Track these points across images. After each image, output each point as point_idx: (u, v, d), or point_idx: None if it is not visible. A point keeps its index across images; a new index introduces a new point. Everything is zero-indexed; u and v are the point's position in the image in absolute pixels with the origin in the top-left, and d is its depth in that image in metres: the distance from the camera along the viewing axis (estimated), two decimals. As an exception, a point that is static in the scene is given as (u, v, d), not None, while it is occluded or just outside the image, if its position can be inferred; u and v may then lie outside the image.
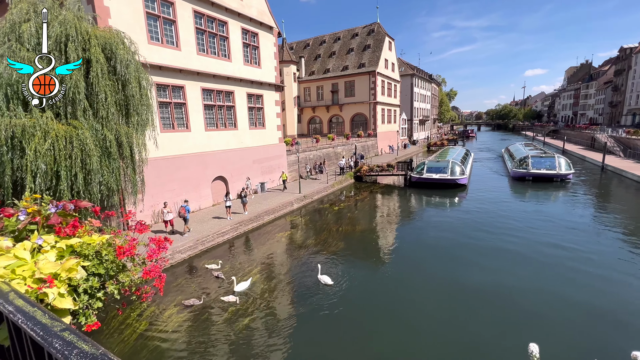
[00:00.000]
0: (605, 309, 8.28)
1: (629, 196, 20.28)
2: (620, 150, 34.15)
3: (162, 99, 14.95)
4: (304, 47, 49.62)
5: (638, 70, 57.38)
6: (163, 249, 4.20)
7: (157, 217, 14.65)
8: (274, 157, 22.27)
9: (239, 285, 9.64)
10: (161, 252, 4.18)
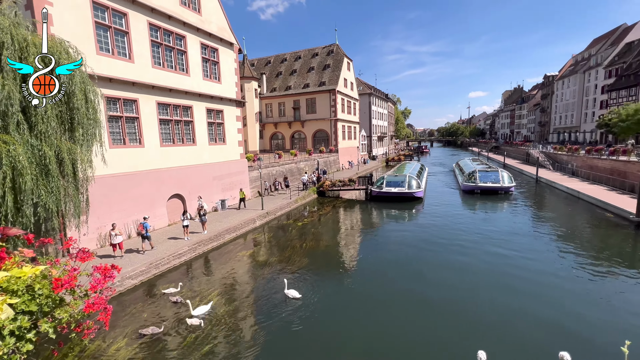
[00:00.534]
0: (541, 310, 9.09)
1: (559, 205, 22.87)
2: (550, 164, 38.69)
3: (113, 113, 13.98)
4: (265, 64, 50.02)
5: (559, 95, 66.32)
6: (109, 278, 3.81)
7: (104, 240, 13.36)
8: (235, 173, 21.70)
9: (197, 309, 9.03)
10: (107, 281, 3.79)
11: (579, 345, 7.51)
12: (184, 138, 17.63)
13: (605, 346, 7.42)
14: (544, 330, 8.14)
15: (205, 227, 15.16)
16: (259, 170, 21.05)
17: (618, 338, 7.58)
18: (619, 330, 7.97)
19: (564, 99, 63.97)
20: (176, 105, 16.97)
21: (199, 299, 10.11)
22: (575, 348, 7.36)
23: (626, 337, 7.59)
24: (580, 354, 6.92)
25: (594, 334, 7.96)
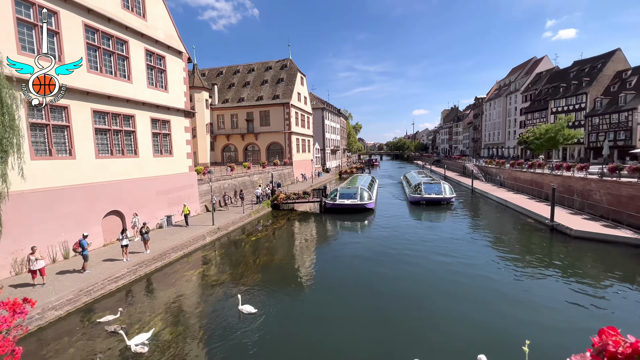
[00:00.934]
0: (476, 313, 9.99)
1: (491, 212, 25.57)
2: (482, 176, 43.29)
3: (36, 120, 12.37)
4: (217, 75, 48.77)
5: (488, 115, 75.19)
6: (19, 315, 3.28)
7: (21, 266, 11.50)
8: (183, 187, 20.46)
9: (134, 339, 8.12)
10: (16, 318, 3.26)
11: (504, 342, 8.35)
12: (125, 149, 16.23)
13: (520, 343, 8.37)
14: (480, 333, 8.91)
15: (147, 246, 13.92)
16: (210, 183, 20.11)
17: (535, 334, 8.60)
18: (537, 326, 9.05)
19: (492, 118, 72.65)
20: (116, 113, 15.63)
21: (139, 325, 9.17)
22: (501, 345, 8.16)
23: (542, 329, 8.60)
24: (498, 352, 7.70)
25: (520, 333, 8.93)
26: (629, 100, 38.90)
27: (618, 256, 14.22)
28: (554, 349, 7.71)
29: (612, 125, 40.49)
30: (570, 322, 9.12)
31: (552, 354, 7.42)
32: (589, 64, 48.69)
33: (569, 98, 47.58)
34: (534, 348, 7.73)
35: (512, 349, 7.74)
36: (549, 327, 8.78)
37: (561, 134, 35.03)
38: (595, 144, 42.75)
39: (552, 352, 7.55)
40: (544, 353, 7.54)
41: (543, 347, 7.82)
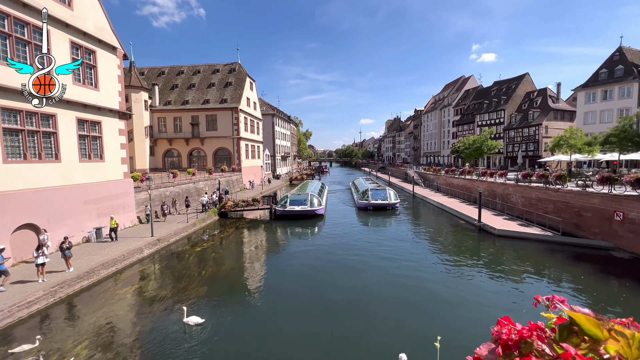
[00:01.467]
0: (419, 308, 10.80)
1: (429, 215, 27.82)
2: (422, 182, 46.98)
3: None
4: (159, 75, 45.50)
5: (425, 126, 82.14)
6: None
7: None
8: (117, 195, 18.53)
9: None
10: None
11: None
12: (43, 153, 14.18)
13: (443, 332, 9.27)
14: (410, 332, 9.61)
15: (69, 264, 12.23)
16: (149, 191, 18.47)
17: (459, 329, 9.55)
18: (461, 321, 10.10)
19: (429, 129, 79.51)
20: (31, 112, 13.61)
21: (59, 355, 8.00)
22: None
23: (466, 323, 9.51)
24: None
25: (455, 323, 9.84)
26: (535, 117, 45.90)
27: (530, 250, 16.53)
28: (467, 341, 8.65)
29: (524, 138, 47.28)
30: (492, 315, 10.32)
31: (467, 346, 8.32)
32: (506, 85, 56.43)
33: (491, 113, 54.44)
34: (456, 342, 8.58)
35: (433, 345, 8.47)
36: (471, 321, 9.83)
37: (485, 144, 39.76)
38: (512, 153, 49.39)
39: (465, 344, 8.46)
40: (460, 345, 8.41)
41: (460, 340, 8.72)
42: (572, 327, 0.51)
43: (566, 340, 0.51)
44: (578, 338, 0.50)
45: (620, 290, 11.89)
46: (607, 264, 14.39)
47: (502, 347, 0.56)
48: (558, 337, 0.52)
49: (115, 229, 16.34)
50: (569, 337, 0.51)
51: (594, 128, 34.88)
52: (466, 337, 8.59)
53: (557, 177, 19.97)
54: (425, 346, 8.35)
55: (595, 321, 0.56)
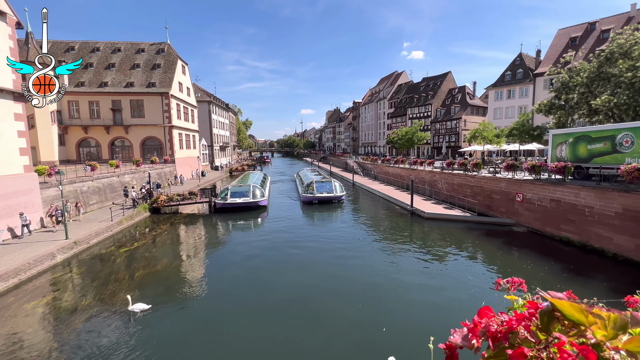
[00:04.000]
0: (357, 295, 11.49)
1: (367, 201, 29.44)
2: (361, 171, 49.39)
3: None
4: (66, 50, 38.77)
5: (363, 117, 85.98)
6: None
7: None
8: (15, 193, 15.52)
9: None
10: None
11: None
12: None
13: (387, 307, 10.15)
14: (352, 325, 10.24)
15: None
16: (60, 187, 15.76)
17: (400, 314, 10.46)
18: (401, 305, 11.10)
19: (366, 121, 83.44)
20: None
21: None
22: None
23: (405, 306, 10.40)
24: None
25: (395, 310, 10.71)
26: (456, 112, 51.53)
27: (453, 230, 18.74)
28: (410, 323, 9.59)
29: (447, 130, 52.84)
30: (426, 296, 11.51)
31: (408, 327, 9.22)
32: (432, 81, 61.95)
33: (420, 107, 59.41)
34: (401, 326, 9.41)
35: (375, 332, 9.20)
36: (411, 304, 10.85)
37: (416, 135, 43.38)
38: (437, 144, 54.84)
39: (407, 325, 9.37)
40: (406, 330, 9.27)
41: (403, 325, 9.59)
42: (553, 313, 0.57)
43: (548, 327, 0.56)
44: (559, 324, 0.55)
45: (521, 259, 14.29)
46: (510, 237, 17.13)
47: (491, 339, 0.60)
48: (540, 324, 0.57)
49: None
50: (550, 324, 0.56)
51: (501, 122, 40.63)
52: (410, 320, 9.45)
53: (474, 165, 22.87)
54: (373, 336, 8.95)
55: (578, 307, 0.57)
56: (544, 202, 16.86)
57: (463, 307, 9.80)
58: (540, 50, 41.90)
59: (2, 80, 14.96)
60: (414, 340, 8.13)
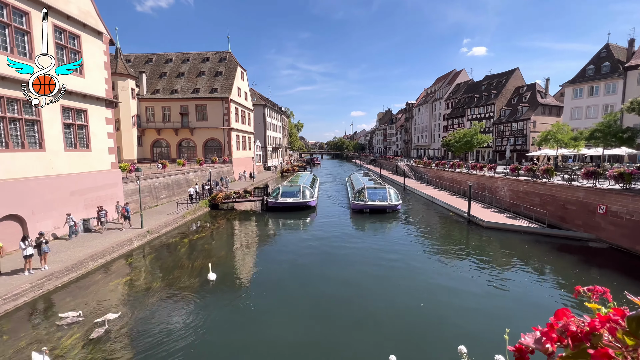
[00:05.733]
0: (417, 300, 11.01)
1: (420, 207, 28.07)
2: (413, 174, 47.47)
3: None
4: (146, 62, 44.16)
5: (417, 119, 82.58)
6: None
7: None
8: (105, 185, 18.10)
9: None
10: None
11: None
12: (26, 142, 13.67)
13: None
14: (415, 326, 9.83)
15: (45, 261, 11.46)
16: (138, 182, 18.07)
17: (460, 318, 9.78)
18: (459, 311, 10.37)
19: (420, 122, 79.98)
20: (12, 98, 13.04)
21: (51, 347, 7.86)
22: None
23: (463, 313, 9.74)
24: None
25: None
26: (524, 112, 46.66)
27: (517, 242, 16.98)
28: (474, 327, 8.90)
29: (513, 132, 48.11)
30: (485, 304, 10.62)
31: (471, 331, 8.56)
32: (496, 79, 56.98)
33: (481, 107, 55.05)
34: (448, 334, 8.81)
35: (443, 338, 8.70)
36: (470, 310, 10.10)
37: (475, 138, 40.28)
38: (500, 147, 50.25)
39: (470, 329, 8.71)
40: (467, 331, 8.65)
41: (466, 328, 8.95)
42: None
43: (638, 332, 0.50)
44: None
45: (602, 280, 12.37)
46: (588, 254, 14.93)
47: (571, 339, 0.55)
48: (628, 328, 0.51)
49: None
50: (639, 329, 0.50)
51: (580, 123, 35.72)
52: (463, 331, 8.83)
53: (545, 171, 20.45)
54: (414, 343, 8.58)
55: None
56: (636, 216, 14.38)
57: (525, 319, 8.81)
58: (634, 39, 35.74)
59: (97, 90, 17.66)
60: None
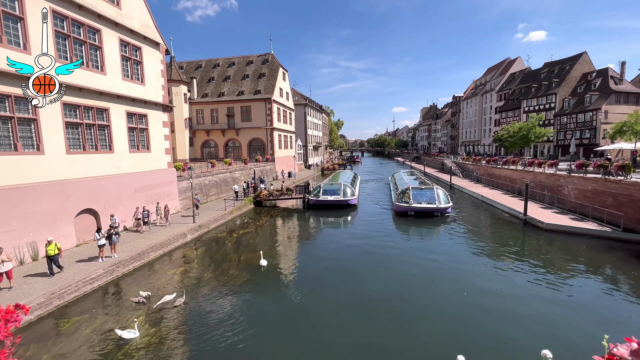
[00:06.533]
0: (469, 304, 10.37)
1: (469, 206, 26.22)
2: (460, 172, 44.76)
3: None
4: (196, 68, 47.31)
5: (465, 113, 77.64)
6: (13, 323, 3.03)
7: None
8: (162, 183, 19.78)
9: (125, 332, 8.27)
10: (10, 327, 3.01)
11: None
12: (98, 145, 15.44)
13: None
14: (462, 332, 9.25)
15: (114, 250, 12.85)
16: (190, 180, 19.51)
17: (516, 329, 8.99)
18: (517, 321, 9.52)
19: (468, 117, 75.06)
20: (88, 106, 14.81)
21: (127, 322, 8.80)
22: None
23: (522, 323, 8.91)
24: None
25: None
26: (593, 101, 41.36)
27: (584, 247, 15.14)
28: (533, 341, 8.14)
29: (579, 125, 42.95)
30: (545, 315, 9.64)
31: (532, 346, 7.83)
32: (558, 66, 51.23)
33: (540, 98, 49.96)
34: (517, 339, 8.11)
35: (489, 345, 8.10)
36: (527, 319, 9.25)
37: (533, 132, 36.70)
38: (563, 141, 45.22)
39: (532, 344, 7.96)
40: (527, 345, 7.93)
41: (524, 339, 8.21)
42: None
43: None
44: None
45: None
46: (679, 265, 12.78)
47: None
48: None
49: (54, 257, 10.86)
50: None
51: (666, 112, 30.64)
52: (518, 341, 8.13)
53: (619, 168, 17.94)
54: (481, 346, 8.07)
55: None
56: None
57: (595, 331, 7.80)
58: None
59: (155, 96, 19.32)
60: None
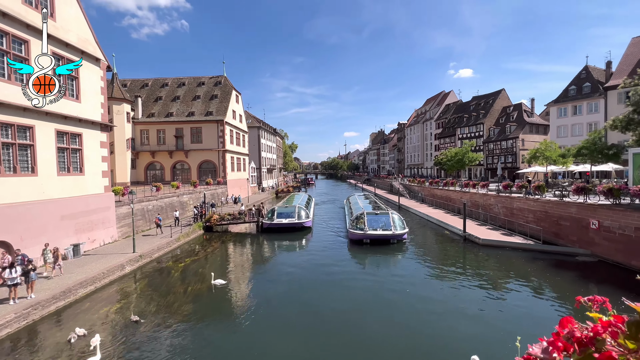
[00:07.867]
0: (412, 321, 10.80)
1: (415, 225, 27.86)
2: (407, 193, 47.77)
3: None
4: (142, 87, 44.83)
5: (409, 139, 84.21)
6: None
7: None
8: (97, 209, 17.81)
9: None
10: None
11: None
12: (17, 166, 13.54)
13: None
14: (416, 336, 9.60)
15: (31, 289, 11.03)
16: (131, 205, 17.80)
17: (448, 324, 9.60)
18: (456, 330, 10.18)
19: (412, 142, 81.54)
20: (6, 123, 13.06)
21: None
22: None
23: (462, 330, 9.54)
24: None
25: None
26: (512, 131, 48.04)
27: (514, 259, 16.97)
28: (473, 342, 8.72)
29: (503, 150, 49.25)
30: (485, 320, 10.45)
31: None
32: (484, 100, 59.02)
33: (471, 127, 56.59)
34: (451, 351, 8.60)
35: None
36: (465, 328, 9.92)
37: (467, 156, 41.10)
38: (491, 165, 51.22)
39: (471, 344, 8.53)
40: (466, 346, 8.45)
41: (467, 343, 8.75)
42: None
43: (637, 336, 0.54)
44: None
45: (599, 294, 12.30)
46: (585, 270, 14.96)
47: (577, 344, 0.59)
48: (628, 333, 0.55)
49: None
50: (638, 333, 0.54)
51: (566, 141, 36.81)
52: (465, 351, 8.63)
53: (536, 188, 20.82)
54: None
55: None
56: (628, 230, 14.58)
57: (528, 332, 8.64)
58: (611, 61, 37.75)
59: (93, 115, 17.78)
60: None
